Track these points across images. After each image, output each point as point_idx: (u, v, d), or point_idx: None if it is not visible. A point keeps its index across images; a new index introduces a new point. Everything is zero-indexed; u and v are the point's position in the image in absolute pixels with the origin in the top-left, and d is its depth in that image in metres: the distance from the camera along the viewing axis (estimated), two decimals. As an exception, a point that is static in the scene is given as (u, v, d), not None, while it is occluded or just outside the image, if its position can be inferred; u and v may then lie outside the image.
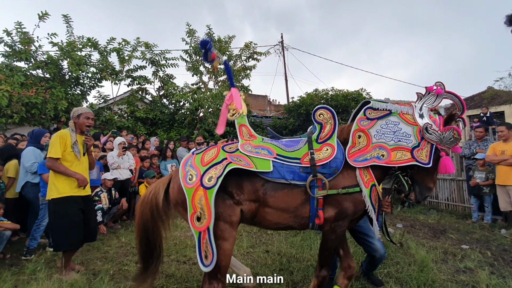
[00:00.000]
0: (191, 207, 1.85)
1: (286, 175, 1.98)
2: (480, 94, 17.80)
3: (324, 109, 2.18)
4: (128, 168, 5.31)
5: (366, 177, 2.01)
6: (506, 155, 4.50)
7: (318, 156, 2.03)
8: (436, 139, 2.02)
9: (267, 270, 2.99)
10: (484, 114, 10.27)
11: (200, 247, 1.85)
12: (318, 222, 2.01)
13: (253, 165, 1.94)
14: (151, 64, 9.59)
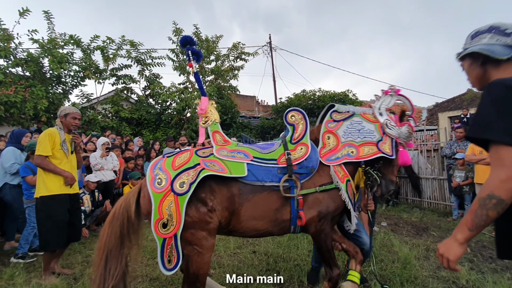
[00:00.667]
0: (157, 213, 1.76)
1: (264, 177, 1.97)
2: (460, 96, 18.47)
3: (295, 111, 2.27)
4: (112, 169, 5.17)
5: (340, 173, 2.08)
6: (484, 155, 4.67)
7: (294, 155, 2.07)
8: (395, 134, 2.18)
9: (254, 271, 2.97)
10: (465, 116, 10.66)
11: (163, 253, 1.77)
12: (300, 223, 2.01)
13: (227, 170, 1.90)
14: (136, 63, 9.40)
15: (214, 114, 2.26)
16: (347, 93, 12.29)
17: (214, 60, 10.79)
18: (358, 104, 12.29)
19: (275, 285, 2.65)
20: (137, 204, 1.95)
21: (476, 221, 0.98)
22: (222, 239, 3.88)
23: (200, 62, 2.39)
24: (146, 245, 3.89)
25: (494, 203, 0.94)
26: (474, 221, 0.99)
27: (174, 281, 2.75)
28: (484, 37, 1.20)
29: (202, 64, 10.48)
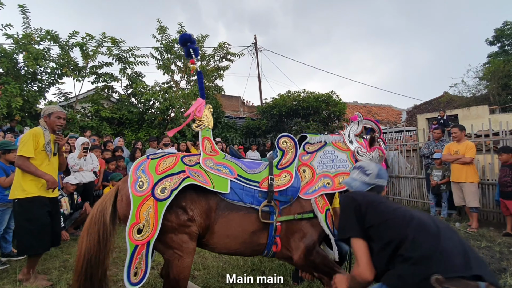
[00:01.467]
0: (134, 217, 1.70)
1: (244, 198, 1.95)
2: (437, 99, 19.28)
3: (288, 137, 2.25)
4: (91, 170, 5.00)
5: (320, 203, 2.09)
6: (459, 154, 4.90)
7: (276, 182, 2.05)
8: (367, 160, 2.22)
9: (239, 271, 2.96)
10: (441, 117, 11.13)
11: (131, 262, 1.71)
12: (275, 249, 2.01)
13: (210, 183, 1.88)
14: (118, 61, 9.12)
15: (208, 119, 2.24)
16: (331, 94, 12.53)
17: (199, 59, 10.66)
18: (341, 105, 12.55)
19: (260, 285, 2.65)
20: (114, 208, 1.90)
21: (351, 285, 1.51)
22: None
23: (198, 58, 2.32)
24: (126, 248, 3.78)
25: (357, 282, 1.46)
26: (350, 286, 1.52)
27: (157, 284, 2.68)
28: (354, 172, 1.76)
29: (186, 63, 10.34)
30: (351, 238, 1.48)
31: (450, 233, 1.34)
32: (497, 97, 15.67)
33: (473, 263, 1.22)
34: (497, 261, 3.32)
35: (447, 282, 1.17)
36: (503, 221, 4.90)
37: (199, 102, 2.23)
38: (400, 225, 1.37)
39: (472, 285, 1.16)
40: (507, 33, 18.57)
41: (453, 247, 1.26)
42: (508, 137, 5.42)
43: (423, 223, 1.36)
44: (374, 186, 1.69)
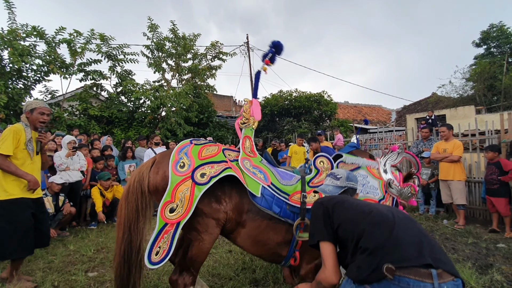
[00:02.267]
0: (170, 195, 1.71)
1: (273, 207, 1.94)
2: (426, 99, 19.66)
3: (326, 158, 2.22)
4: (78, 169, 4.88)
5: None
6: (447, 153, 4.99)
7: (308, 199, 2.01)
8: (396, 193, 2.20)
9: (230, 270, 2.93)
10: (430, 117, 11.35)
11: (156, 240, 1.68)
12: (293, 263, 2.03)
13: (245, 182, 1.89)
14: (107, 58, 8.96)
15: (254, 120, 2.22)
16: (322, 94, 12.63)
17: (191, 58, 10.57)
18: (333, 105, 12.66)
19: (251, 282, 2.63)
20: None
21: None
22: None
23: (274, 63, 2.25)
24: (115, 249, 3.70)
25: (322, 287, 1.44)
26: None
27: (145, 284, 2.63)
28: (326, 179, 1.85)
29: (178, 62, 10.24)
30: (319, 242, 1.49)
31: (408, 223, 1.37)
32: (483, 97, 16.07)
33: (427, 252, 1.23)
34: (484, 257, 3.38)
35: (398, 270, 1.18)
36: (489, 218, 5.02)
37: (256, 104, 2.21)
38: (359, 219, 1.41)
39: (424, 273, 1.17)
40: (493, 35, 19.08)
41: (408, 237, 1.29)
42: (493, 136, 5.56)
43: (380, 215, 1.40)
44: (346, 188, 1.76)
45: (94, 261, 3.31)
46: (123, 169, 5.93)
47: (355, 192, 1.84)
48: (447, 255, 1.29)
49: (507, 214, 4.34)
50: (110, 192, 5.19)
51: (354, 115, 21.37)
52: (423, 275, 1.17)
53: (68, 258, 3.45)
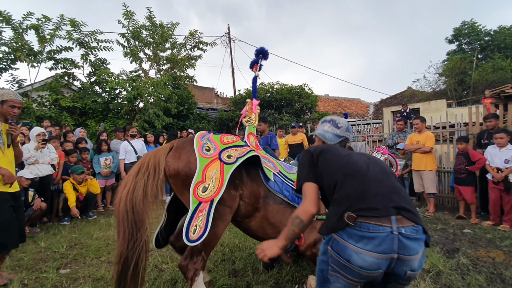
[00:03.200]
0: (200, 176, 1.81)
1: (284, 191, 2.11)
2: (401, 93, 20.37)
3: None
4: (49, 163, 4.62)
5: None
6: (420, 144, 5.21)
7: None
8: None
9: (209, 262, 2.92)
10: (404, 110, 11.79)
11: (192, 219, 1.75)
12: (298, 243, 2.15)
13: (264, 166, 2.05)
14: (79, 46, 8.46)
15: (255, 118, 2.50)
16: (303, 87, 12.71)
17: (169, 48, 10.21)
18: (313, 98, 12.80)
19: (230, 273, 2.64)
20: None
21: (289, 235, 1.37)
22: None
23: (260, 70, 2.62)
24: (90, 244, 3.58)
25: (298, 222, 1.36)
26: (287, 235, 1.38)
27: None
28: (325, 124, 1.80)
29: (156, 51, 9.87)
30: (303, 184, 1.47)
31: (381, 176, 1.39)
32: (454, 92, 16.89)
33: (393, 203, 1.27)
34: (451, 241, 3.60)
35: (360, 218, 1.23)
36: (456, 205, 5.34)
37: (254, 103, 2.50)
38: (336, 169, 1.43)
39: (384, 219, 1.21)
40: (465, 32, 19.97)
41: (377, 190, 1.31)
42: (462, 129, 5.87)
43: (355, 167, 1.41)
44: (343, 138, 1.76)
45: (66, 257, 3.18)
46: (98, 163, 5.71)
47: (349, 142, 1.87)
48: (416, 209, 1.32)
49: (473, 201, 4.63)
50: (84, 186, 4.98)
51: (334, 108, 21.78)
52: (382, 221, 1.21)
53: (39, 255, 3.30)
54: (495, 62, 16.02)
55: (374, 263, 1.18)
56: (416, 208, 5.26)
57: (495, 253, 3.14)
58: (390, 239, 1.18)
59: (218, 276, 2.52)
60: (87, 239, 3.80)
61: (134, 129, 6.25)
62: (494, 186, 4.24)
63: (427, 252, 3.04)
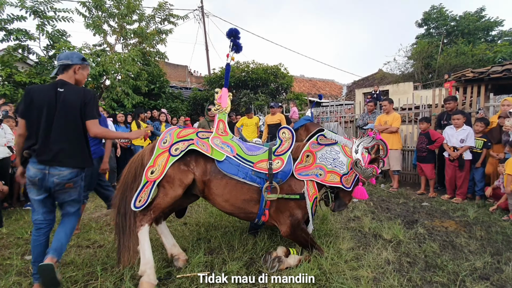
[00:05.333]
0: (152, 162, 2.29)
1: (239, 173, 2.36)
2: (373, 75, 21.02)
3: (287, 129, 2.59)
4: (5, 145, 4.26)
5: (311, 191, 2.44)
6: (387, 125, 5.48)
7: (275, 164, 2.42)
8: (360, 172, 2.46)
9: (185, 241, 2.94)
10: (375, 92, 12.23)
11: (140, 192, 2.25)
12: (264, 219, 2.44)
13: (210, 151, 2.37)
14: (33, 15, 7.60)
15: (227, 105, 2.63)
16: (279, 67, 12.61)
17: (137, 20, 9.51)
18: (289, 78, 12.80)
19: (206, 251, 2.68)
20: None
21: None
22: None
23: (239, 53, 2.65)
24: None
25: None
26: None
27: (93, 262, 2.51)
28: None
29: (122, 23, 9.15)
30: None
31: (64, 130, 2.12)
32: (420, 75, 17.73)
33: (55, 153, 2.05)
34: (411, 214, 3.93)
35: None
36: (418, 181, 5.78)
37: (224, 92, 2.61)
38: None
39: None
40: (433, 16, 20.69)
41: (54, 141, 2.06)
42: (426, 110, 6.24)
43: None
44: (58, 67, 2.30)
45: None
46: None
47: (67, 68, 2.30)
48: (78, 157, 2.18)
49: (432, 177, 5.03)
50: (47, 169, 4.68)
51: (309, 89, 22.01)
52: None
53: (1, 242, 3.11)
54: (458, 47, 16.92)
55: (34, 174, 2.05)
56: (382, 184, 5.58)
57: (448, 223, 3.48)
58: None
59: (194, 255, 2.55)
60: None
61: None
62: (450, 163, 4.63)
63: (390, 224, 3.30)
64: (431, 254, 2.65)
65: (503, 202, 3.87)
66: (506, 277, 2.25)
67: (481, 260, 2.49)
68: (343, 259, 2.45)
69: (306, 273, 2.17)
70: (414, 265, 2.45)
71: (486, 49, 15.74)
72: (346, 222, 3.54)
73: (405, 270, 2.37)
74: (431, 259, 2.54)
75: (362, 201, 4.48)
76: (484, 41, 18.97)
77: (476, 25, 19.23)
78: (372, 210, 4.04)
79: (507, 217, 3.60)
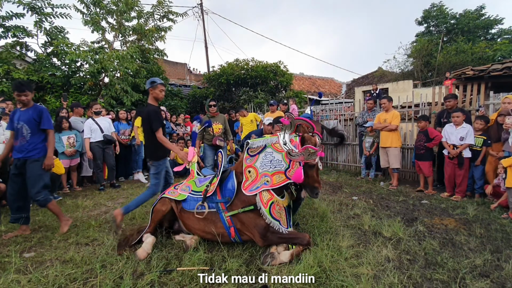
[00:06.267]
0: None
1: (191, 206, 2.77)
2: (372, 73, 20.98)
3: (220, 153, 2.96)
4: (3, 142, 4.23)
5: (265, 198, 2.49)
6: (387, 123, 5.47)
7: (210, 188, 2.75)
8: (298, 158, 2.45)
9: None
10: (374, 90, 12.20)
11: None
12: (233, 235, 2.64)
13: (178, 195, 2.89)
14: (31, 12, 7.54)
15: (194, 158, 3.23)
16: (278, 65, 12.57)
17: (136, 17, 9.45)
18: (289, 76, 12.76)
19: (206, 249, 2.68)
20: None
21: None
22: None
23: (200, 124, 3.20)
24: (56, 226, 3.43)
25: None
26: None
27: (92, 260, 2.50)
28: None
29: (120, 20, 9.09)
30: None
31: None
32: (420, 73, 17.71)
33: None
34: (410, 211, 3.92)
35: None
36: (417, 179, 5.77)
37: (189, 151, 3.24)
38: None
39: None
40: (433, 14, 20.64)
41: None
42: (426, 108, 6.23)
43: None
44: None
45: (30, 241, 3.02)
46: (60, 142, 5.33)
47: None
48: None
49: (430, 175, 5.03)
50: (46, 166, 4.65)
51: (309, 87, 21.97)
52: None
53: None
54: (458, 45, 16.90)
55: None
56: (382, 182, 5.58)
57: (448, 221, 3.48)
58: None
59: (194, 252, 2.54)
60: (53, 221, 3.62)
61: (97, 106, 5.84)
62: (450, 161, 4.63)
63: (390, 222, 3.30)
64: (431, 251, 2.64)
65: (504, 200, 3.87)
66: (506, 275, 2.25)
67: (481, 258, 2.49)
68: (343, 257, 2.45)
69: (306, 271, 2.16)
70: (414, 263, 2.44)
71: (485, 47, 15.73)
72: (346, 219, 3.53)
73: (405, 268, 2.36)
74: (431, 257, 2.54)
75: (361, 199, 4.48)
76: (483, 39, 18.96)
77: (476, 23, 19.19)
78: (372, 208, 4.04)
79: (507, 215, 3.60)
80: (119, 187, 5.75)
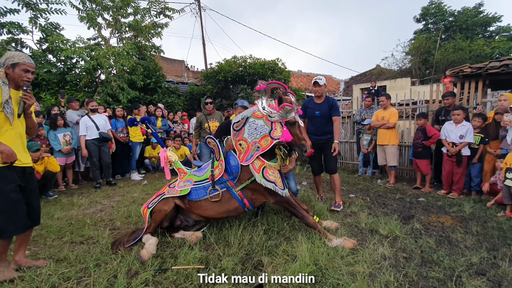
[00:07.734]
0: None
1: (199, 195, 2.86)
2: (370, 71, 20.98)
3: (210, 138, 2.98)
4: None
5: (257, 165, 2.72)
6: (385, 120, 5.45)
7: (216, 172, 2.87)
8: (279, 118, 2.69)
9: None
10: (373, 88, 12.20)
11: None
12: (248, 206, 2.85)
13: (179, 192, 2.89)
14: (25, 7, 7.44)
15: (173, 156, 3.21)
16: (276, 62, 12.51)
17: (132, 13, 9.34)
18: (286, 73, 12.71)
19: (202, 247, 2.66)
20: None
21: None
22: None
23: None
24: (50, 224, 3.40)
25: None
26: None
27: (86, 259, 2.47)
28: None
29: (116, 16, 8.99)
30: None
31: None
32: (418, 71, 17.71)
33: None
34: (407, 209, 3.92)
35: None
36: (414, 177, 5.78)
37: (161, 152, 3.24)
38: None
39: None
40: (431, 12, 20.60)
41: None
42: (423, 106, 6.22)
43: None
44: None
45: (24, 239, 2.98)
46: (56, 139, 5.29)
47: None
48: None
49: (427, 172, 5.03)
50: (40, 164, 4.62)
51: (307, 84, 21.92)
52: None
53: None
54: (456, 42, 16.89)
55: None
56: (379, 180, 5.59)
57: (444, 218, 3.48)
58: None
59: (189, 251, 2.52)
60: (47, 220, 3.59)
61: (94, 103, 5.79)
62: (448, 159, 4.63)
63: (386, 220, 3.29)
64: (427, 249, 2.64)
65: (501, 197, 3.88)
66: (503, 273, 2.24)
67: (477, 256, 2.49)
68: (339, 255, 2.44)
69: (302, 270, 2.15)
70: (411, 261, 2.44)
71: (484, 45, 15.73)
72: (342, 217, 3.52)
73: (401, 266, 2.36)
74: (427, 255, 2.54)
75: (358, 197, 4.47)
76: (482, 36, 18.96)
77: (474, 20, 19.18)
78: (368, 206, 4.03)
79: (503, 213, 3.60)
80: (115, 185, 5.71)
